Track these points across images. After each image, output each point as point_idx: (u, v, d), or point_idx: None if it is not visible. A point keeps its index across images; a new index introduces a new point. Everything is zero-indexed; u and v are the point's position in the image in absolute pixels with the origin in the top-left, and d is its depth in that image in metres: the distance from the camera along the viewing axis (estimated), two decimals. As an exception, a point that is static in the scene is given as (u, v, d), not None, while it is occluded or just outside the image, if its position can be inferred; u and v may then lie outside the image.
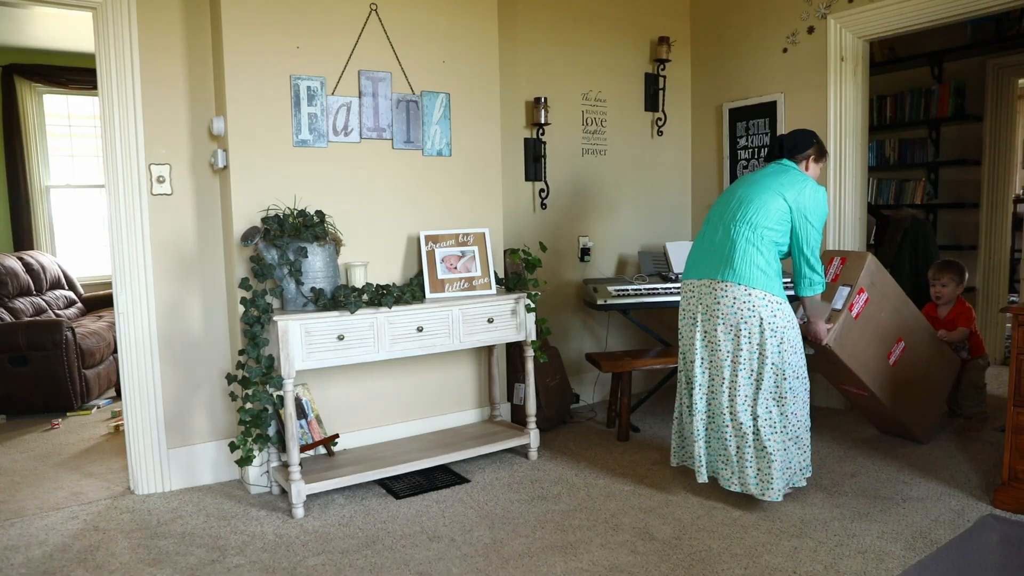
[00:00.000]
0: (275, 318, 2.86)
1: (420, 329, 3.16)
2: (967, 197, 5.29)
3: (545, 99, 4.10)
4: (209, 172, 3.27)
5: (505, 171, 4.06)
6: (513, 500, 3.06)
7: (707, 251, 2.94)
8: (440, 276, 3.38)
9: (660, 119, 4.73)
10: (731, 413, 2.85)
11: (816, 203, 2.88)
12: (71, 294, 5.81)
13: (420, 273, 3.43)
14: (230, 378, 3.06)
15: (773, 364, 2.81)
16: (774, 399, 2.83)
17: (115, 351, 5.03)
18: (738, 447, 2.85)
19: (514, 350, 3.90)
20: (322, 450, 3.33)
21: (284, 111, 3.18)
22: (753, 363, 2.82)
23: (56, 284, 5.68)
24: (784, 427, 2.83)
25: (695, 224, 4.96)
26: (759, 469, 2.82)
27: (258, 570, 2.52)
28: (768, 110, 4.38)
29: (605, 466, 3.43)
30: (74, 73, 6.11)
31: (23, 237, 6.01)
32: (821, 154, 3.06)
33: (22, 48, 5.92)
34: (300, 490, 2.93)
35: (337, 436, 3.31)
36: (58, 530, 2.88)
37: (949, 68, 5.28)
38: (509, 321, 3.40)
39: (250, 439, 3.04)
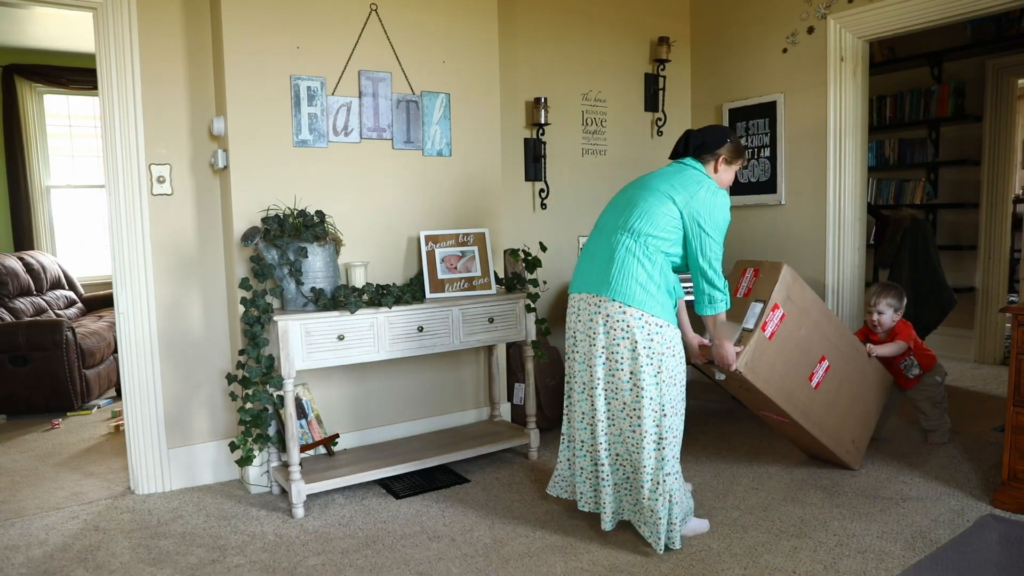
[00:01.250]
0: (275, 318, 2.86)
1: (420, 329, 3.16)
2: (967, 197, 5.30)
3: (545, 99, 4.10)
4: (209, 172, 3.27)
5: (505, 171, 4.06)
6: (513, 500, 3.06)
7: (588, 261, 2.61)
8: (440, 276, 3.38)
9: (660, 119, 4.74)
10: (607, 448, 2.56)
11: (712, 208, 2.49)
12: (71, 294, 5.82)
13: (420, 273, 3.43)
14: (230, 378, 3.07)
15: (651, 399, 2.45)
16: (655, 442, 2.48)
17: (115, 351, 5.04)
18: (616, 483, 2.60)
19: (514, 350, 3.90)
20: (322, 450, 3.33)
21: (284, 111, 3.18)
22: (625, 395, 2.49)
23: (56, 284, 5.69)
24: (668, 472, 2.49)
25: (695, 224, 4.96)
26: (648, 519, 2.52)
27: (258, 570, 2.52)
28: (768, 110, 4.38)
29: (605, 466, 3.43)
30: (74, 73, 6.11)
31: (23, 237, 6.01)
32: (736, 155, 2.68)
33: (22, 48, 5.92)
34: (300, 490, 2.93)
35: (337, 436, 3.32)
36: (58, 530, 2.88)
37: (949, 68, 5.28)
38: (509, 321, 3.40)
39: (250, 439, 3.04)
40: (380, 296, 3.10)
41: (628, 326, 2.44)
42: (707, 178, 2.58)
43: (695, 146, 2.63)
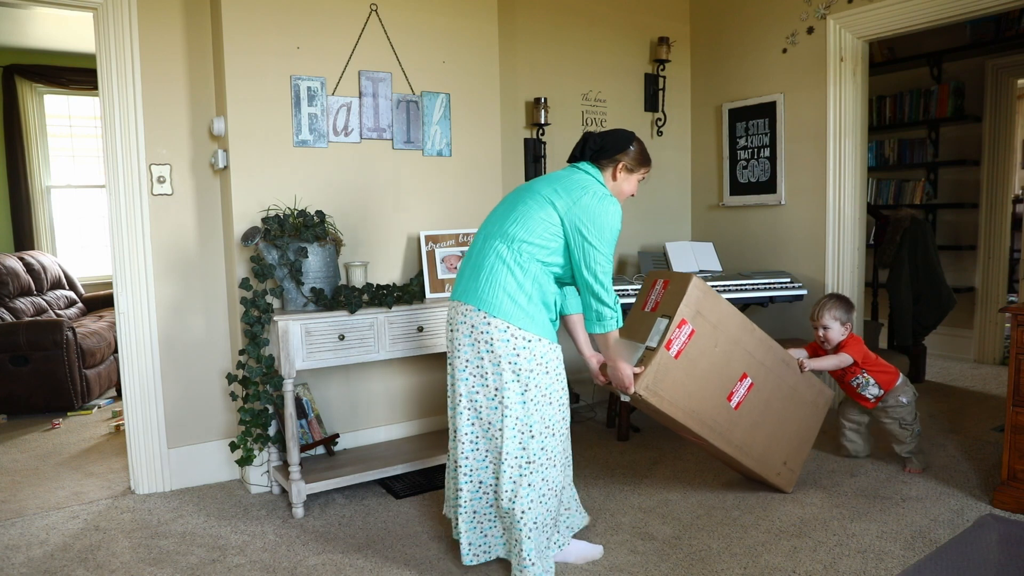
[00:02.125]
0: (275, 318, 2.87)
1: (420, 329, 3.16)
2: (966, 197, 5.30)
3: (545, 99, 4.10)
4: (210, 172, 3.27)
5: (505, 171, 4.07)
6: (513, 500, 3.06)
7: (464, 266, 2.41)
8: (440, 276, 3.38)
9: (660, 119, 4.74)
10: (469, 473, 2.36)
11: (596, 216, 2.27)
12: (72, 294, 5.82)
13: (420, 273, 3.44)
14: (230, 378, 3.07)
15: (517, 419, 2.25)
16: (519, 466, 2.27)
17: (116, 351, 5.03)
18: (476, 511, 2.39)
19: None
20: (322, 450, 3.34)
21: (284, 111, 3.19)
22: (491, 413, 2.29)
23: (57, 284, 5.69)
24: (532, 499, 2.27)
25: (695, 224, 4.97)
26: (511, 541, 2.33)
27: (258, 570, 2.52)
28: (768, 110, 4.39)
29: (605, 466, 3.44)
30: (75, 73, 6.11)
31: (24, 237, 6.01)
32: (639, 163, 2.47)
33: (23, 48, 5.93)
34: (300, 490, 2.93)
35: (337, 436, 3.32)
36: (59, 529, 2.89)
37: (948, 68, 5.29)
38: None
39: (250, 439, 3.05)
40: (380, 296, 3.11)
41: (492, 339, 2.24)
42: (596, 184, 2.37)
43: (593, 150, 2.43)
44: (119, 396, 4.89)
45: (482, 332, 2.26)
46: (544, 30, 4.23)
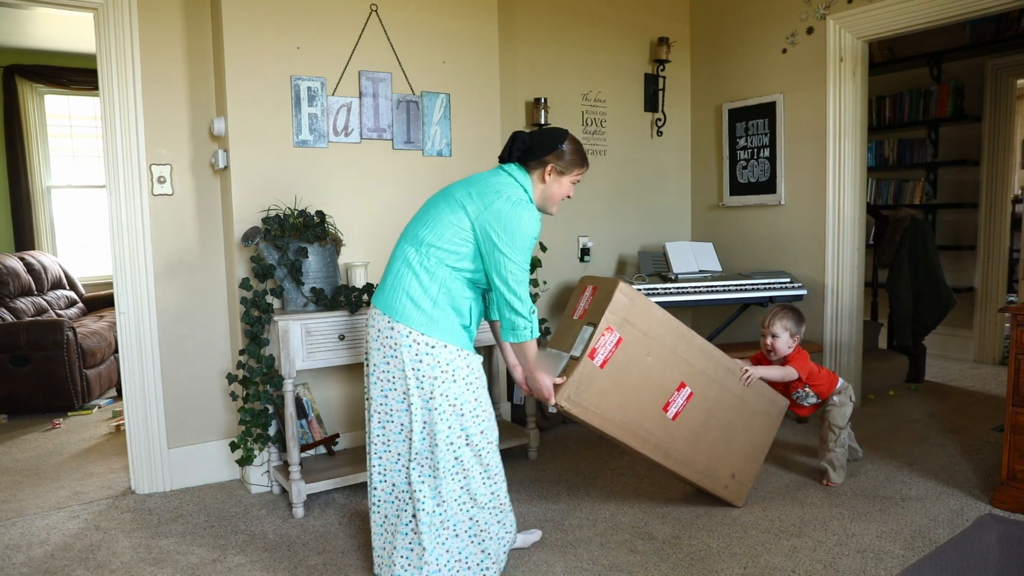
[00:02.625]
0: (276, 318, 2.87)
1: (420, 329, 3.16)
2: (966, 197, 5.30)
3: (545, 99, 4.10)
4: (210, 172, 3.28)
5: (505, 171, 4.07)
6: (513, 500, 3.06)
7: (385, 271, 2.36)
8: (440, 276, 3.38)
9: (660, 119, 4.74)
10: (381, 476, 2.31)
11: (508, 222, 2.16)
12: (72, 294, 5.82)
13: (420, 273, 3.43)
14: (231, 378, 3.07)
15: (424, 425, 2.21)
16: (429, 468, 2.22)
17: (116, 351, 5.04)
18: (386, 516, 2.33)
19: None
20: (322, 449, 3.34)
21: (285, 111, 3.19)
22: (402, 416, 2.26)
23: (57, 284, 5.69)
24: (438, 509, 2.21)
25: (695, 224, 4.97)
26: (411, 555, 2.23)
27: (259, 569, 2.53)
28: (768, 110, 4.39)
29: (605, 466, 3.44)
30: (75, 74, 6.12)
31: (24, 237, 6.02)
32: (573, 165, 2.32)
33: (23, 49, 5.93)
34: (301, 489, 2.93)
35: (337, 436, 3.32)
36: (59, 529, 2.89)
37: (948, 68, 5.29)
38: (509, 321, 3.40)
39: (251, 439, 3.05)
40: (380, 296, 3.11)
41: (396, 344, 2.19)
42: (513, 188, 2.25)
43: (520, 151, 2.30)
44: (119, 396, 4.89)
45: (387, 337, 2.21)
46: (544, 30, 4.23)
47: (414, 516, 2.24)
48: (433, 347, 2.19)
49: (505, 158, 2.34)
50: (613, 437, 2.60)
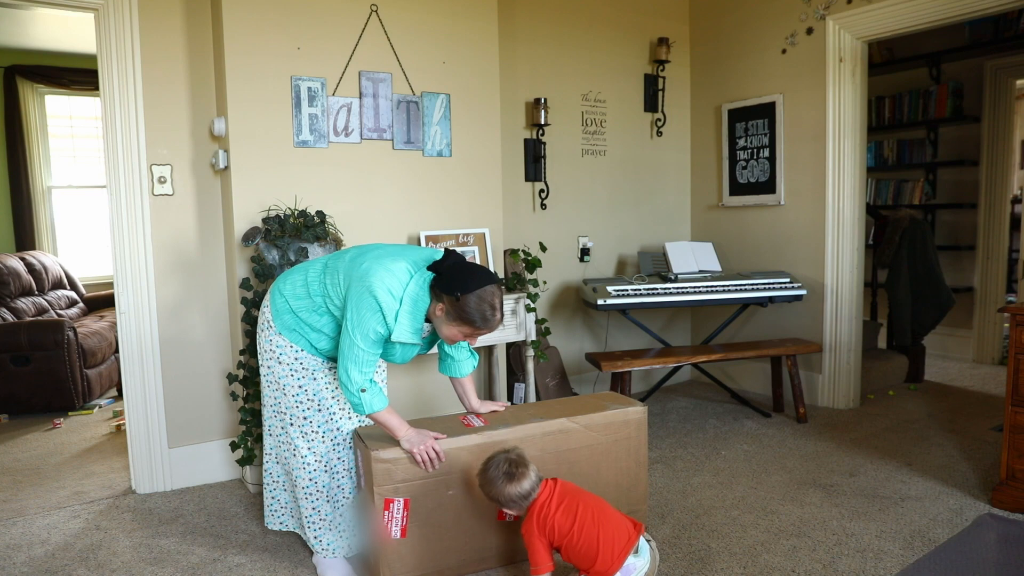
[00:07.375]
0: (276, 318, 2.87)
1: (420, 329, 3.16)
2: (965, 197, 5.31)
3: (545, 100, 4.11)
4: (210, 173, 3.28)
5: (505, 171, 4.08)
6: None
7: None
8: (440, 276, 3.39)
9: (659, 120, 4.75)
10: (268, 430, 2.53)
11: (358, 305, 2.14)
12: (73, 294, 5.83)
13: (420, 273, 3.44)
14: (231, 378, 3.08)
15: (265, 401, 2.50)
16: (284, 443, 2.45)
17: (116, 351, 5.05)
18: (270, 471, 2.57)
19: (514, 350, 3.91)
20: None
21: (285, 112, 3.20)
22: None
23: (58, 284, 5.70)
24: (296, 466, 2.42)
25: (695, 224, 4.98)
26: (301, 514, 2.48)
27: (259, 570, 2.53)
28: (767, 111, 4.39)
29: (604, 465, 3.44)
30: (76, 74, 6.12)
31: (25, 237, 6.02)
32: (462, 319, 2.13)
33: (24, 49, 5.94)
34: (301, 489, 2.94)
35: (338, 435, 3.32)
36: (60, 529, 2.89)
37: (947, 69, 5.30)
38: (509, 321, 3.41)
39: (251, 438, 3.06)
40: (380, 296, 3.11)
41: (263, 320, 2.43)
42: (381, 283, 2.13)
43: (437, 272, 2.18)
44: (120, 396, 4.90)
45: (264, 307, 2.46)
46: (544, 30, 4.24)
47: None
48: (275, 333, 2.38)
49: (433, 268, 2.22)
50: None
